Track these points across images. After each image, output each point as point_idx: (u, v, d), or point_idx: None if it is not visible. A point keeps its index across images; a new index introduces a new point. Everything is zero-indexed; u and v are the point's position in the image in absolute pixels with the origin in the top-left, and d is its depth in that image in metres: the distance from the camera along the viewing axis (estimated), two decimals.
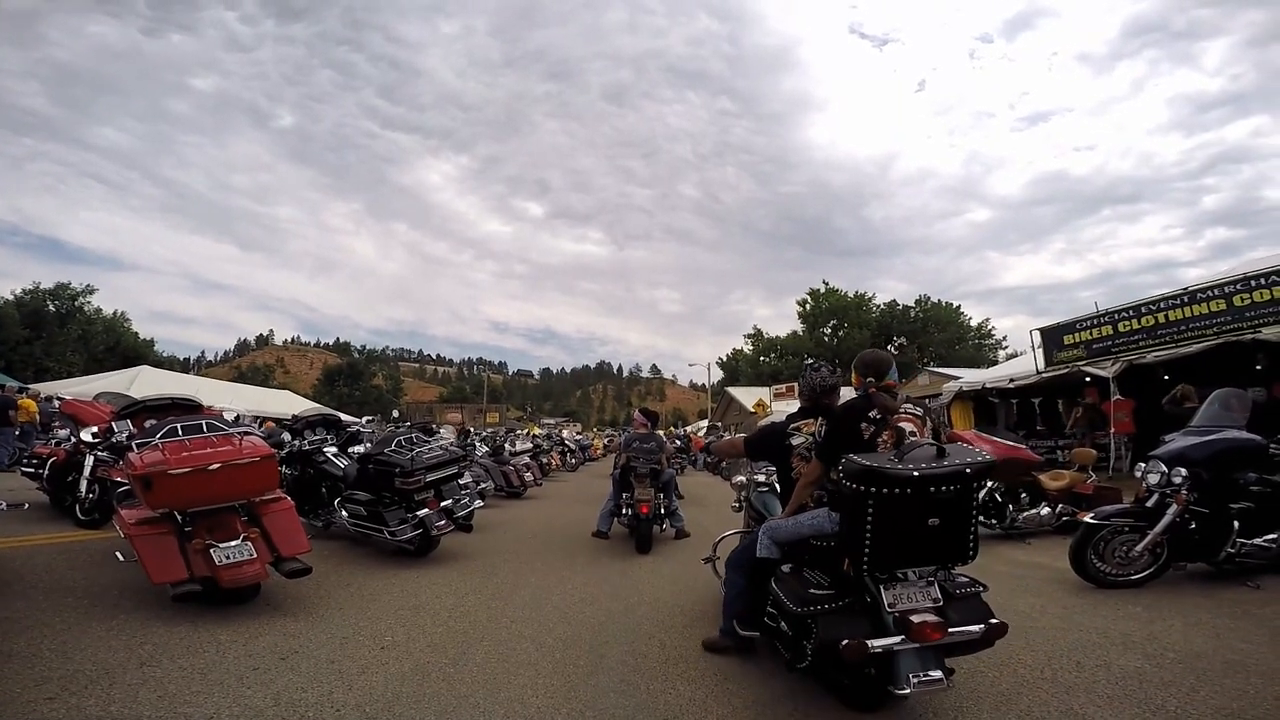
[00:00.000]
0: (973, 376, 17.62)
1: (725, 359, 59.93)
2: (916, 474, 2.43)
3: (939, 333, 49.56)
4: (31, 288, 40.34)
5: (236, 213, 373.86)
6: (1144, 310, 11.28)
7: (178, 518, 3.91)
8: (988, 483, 6.87)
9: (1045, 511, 6.85)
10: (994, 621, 2.54)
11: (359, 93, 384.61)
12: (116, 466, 5.52)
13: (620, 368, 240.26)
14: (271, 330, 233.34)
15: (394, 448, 5.89)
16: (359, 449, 7.09)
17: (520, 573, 5.39)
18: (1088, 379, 12.36)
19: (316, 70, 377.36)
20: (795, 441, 3.42)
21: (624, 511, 6.78)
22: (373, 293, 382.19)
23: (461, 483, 6.88)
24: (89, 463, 6.32)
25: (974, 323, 51.75)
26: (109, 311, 44.66)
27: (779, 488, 3.89)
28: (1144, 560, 4.60)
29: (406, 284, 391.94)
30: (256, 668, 3.11)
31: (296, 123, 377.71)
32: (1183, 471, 4.54)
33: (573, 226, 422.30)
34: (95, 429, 5.88)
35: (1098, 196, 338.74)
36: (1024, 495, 6.91)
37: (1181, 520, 4.51)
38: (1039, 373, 13.42)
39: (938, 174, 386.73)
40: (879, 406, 2.92)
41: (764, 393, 33.41)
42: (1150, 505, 4.67)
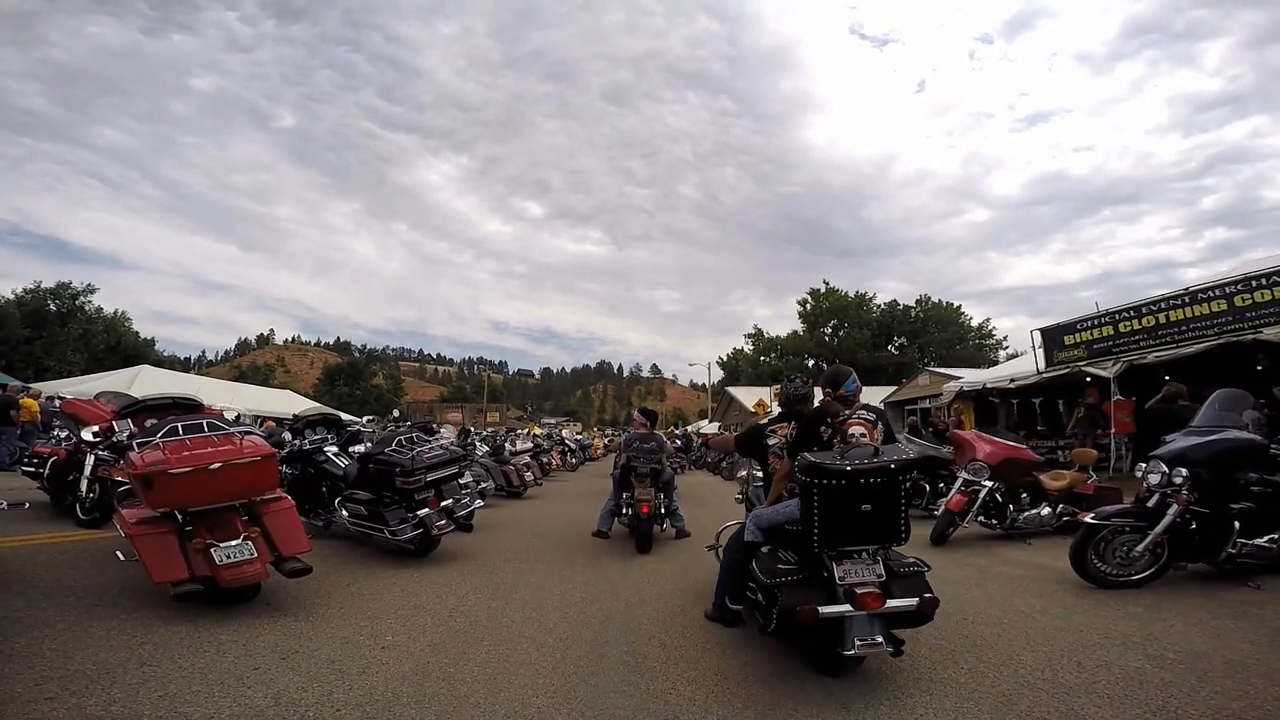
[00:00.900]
0: (973, 376, 17.60)
1: (725, 359, 59.88)
2: (849, 468, 2.89)
3: (939, 333, 49.50)
4: (32, 287, 40.40)
5: (237, 213, 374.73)
6: (1145, 310, 11.27)
7: (178, 517, 3.91)
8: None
9: (1046, 512, 6.84)
10: (928, 596, 2.91)
11: (359, 93, 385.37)
12: (117, 466, 5.53)
13: (620, 367, 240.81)
14: (272, 330, 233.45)
15: (394, 447, 5.89)
16: (359, 448, 7.09)
17: (520, 572, 5.39)
18: (1088, 379, 12.35)
19: (316, 70, 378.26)
20: (771, 441, 4.00)
21: (624, 511, 6.81)
22: (373, 292, 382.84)
23: (462, 482, 6.88)
24: (90, 462, 6.33)
25: (974, 323, 51.70)
26: (110, 311, 44.71)
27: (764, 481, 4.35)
28: (1145, 560, 4.59)
29: (407, 284, 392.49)
30: (257, 667, 3.11)
31: (296, 123, 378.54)
32: (1183, 472, 4.53)
33: (573, 227, 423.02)
34: (96, 428, 5.89)
35: (1097, 197, 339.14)
36: (1024, 495, 6.89)
37: (1182, 520, 4.50)
38: (1039, 373, 13.41)
39: (937, 174, 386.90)
40: (830, 413, 3.44)
41: (764, 393, 33.37)
42: (1151, 505, 4.66)
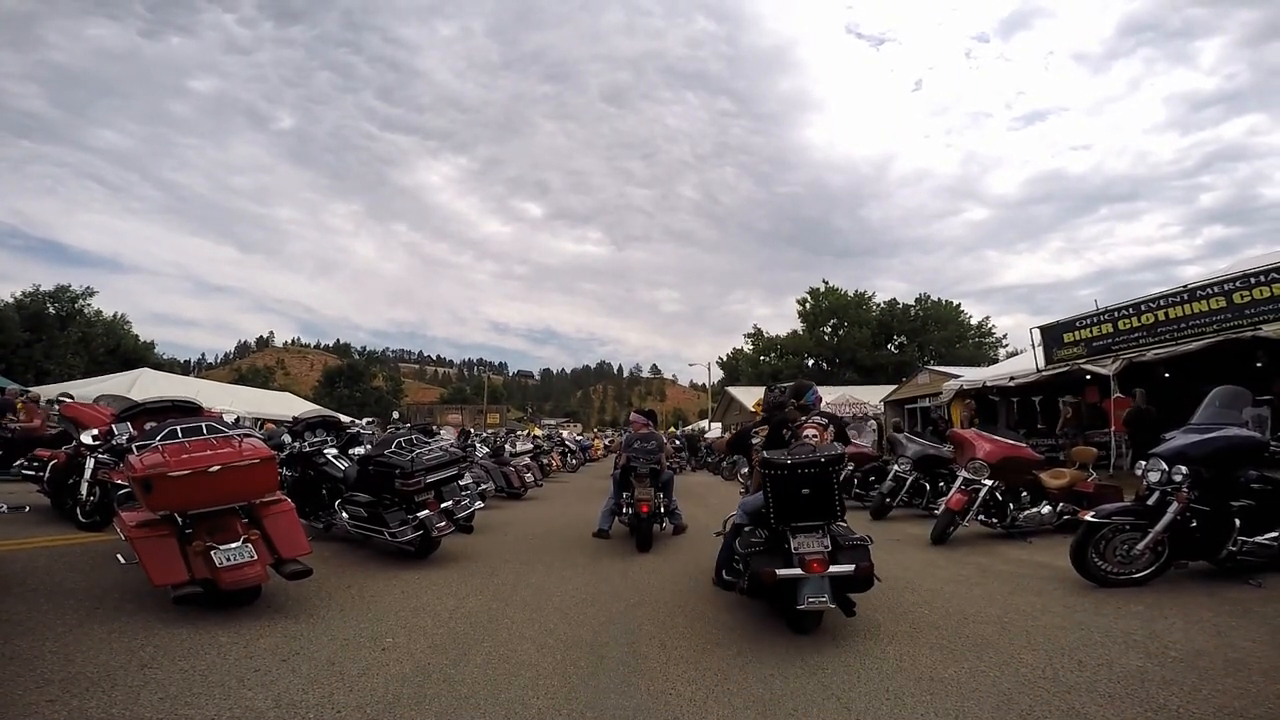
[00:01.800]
0: (973, 375, 17.62)
1: (725, 359, 59.82)
2: (790, 462, 3.64)
3: (939, 331, 49.44)
4: (32, 290, 40.18)
5: (236, 214, 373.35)
6: (1144, 308, 11.29)
7: (178, 520, 3.91)
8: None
9: (1046, 510, 6.84)
10: (864, 564, 3.59)
11: (358, 94, 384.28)
12: (117, 469, 5.52)
13: (620, 368, 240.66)
14: (272, 332, 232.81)
15: (394, 449, 5.90)
16: (359, 451, 7.08)
17: (521, 574, 5.39)
18: (1088, 377, 12.37)
19: (315, 72, 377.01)
20: (754, 441, 4.81)
21: (624, 511, 6.89)
22: (373, 294, 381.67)
23: (462, 484, 6.89)
24: (89, 465, 6.32)
25: (974, 321, 51.66)
26: (109, 314, 44.67)
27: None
28: (1145, 559, 4.58)
29: (406, 285, 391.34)
30: (257, 669, 3.11)
31: (296, 124, 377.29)
32: (1183, 469, 4.51)
33: (572, 227, 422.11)
34: (95, 432, 5.88)
35: (1095, 195, 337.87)
36: (1025, 494, 6.89)
37: (1183, 518, 4.49)
38: (1039, 371, 13.43)
39: (935, 174, 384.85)
40: (790, 419, 4.58)
41: (764, 392, 33.35)
42: (1151, 503, 4.65)
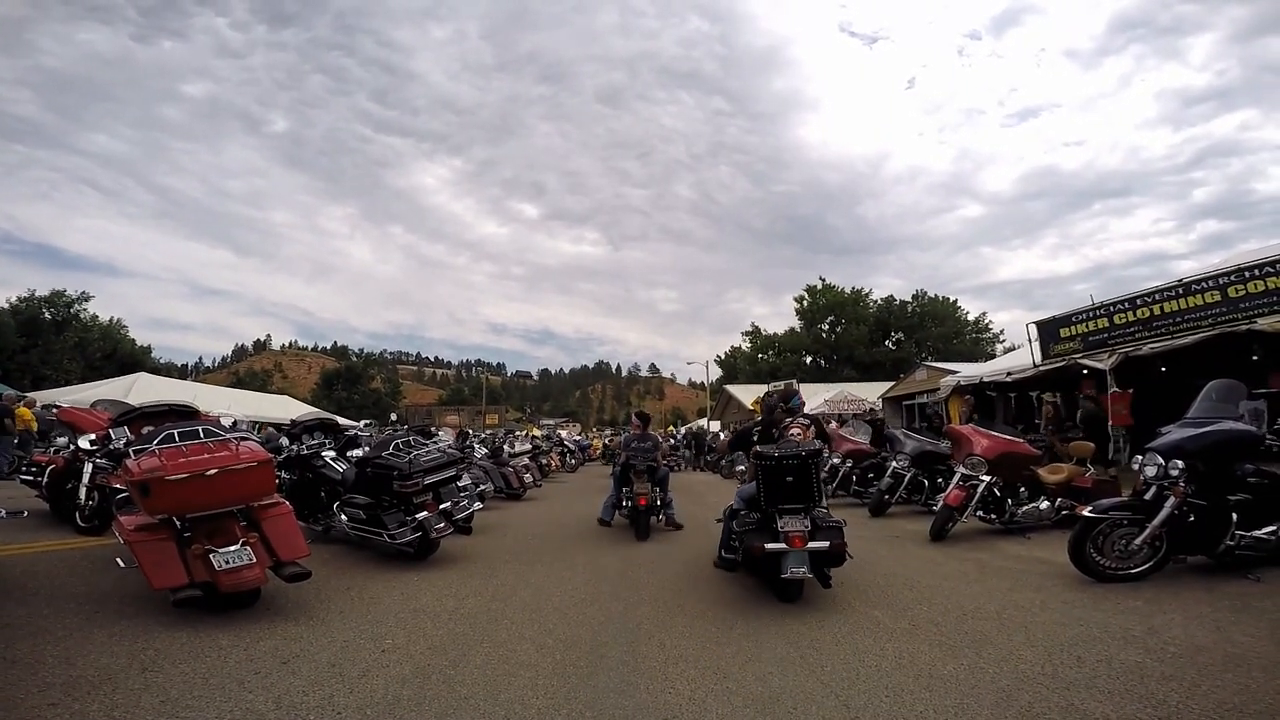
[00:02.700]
0: (971, 370, 17.63)
1: (723, 357, 59.92)
2: (776, 454, 4.37)
3: (936, 327, 49.52)
4: (27, 295, 40.18)
5: (231, 218, 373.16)
6: (1139, 302, 11.30)
7: (177, 523, 3.91)
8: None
9: (1044, 506, 6.85)
10: (837, 541, 4.22)
11: (352, 97, 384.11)
12: (115, 473, 5.52)
13: (619, 367, 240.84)
14: (269, 335, 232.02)
15: (392, 451, 5.89)
16: (357, 453, 7.08)
17: (520, 574, 5.39)
18: (1085, 371, 12.39)
19: (308, 75, 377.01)
20: (754, 440, 5.35)
21: (624, 504, 7.56)
22: (370, 296, 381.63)
23: (460, 485, 6.89)
24: (88, 470, 6.32)
25: (971, 317, 51.78)
26: (105, 318, 44.60)
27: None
28: (1143, 554, 4.58)
29: (404, 287, 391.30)
30: (258, 672, 3.11)
31: (290, 128, 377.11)
32: (1179, 464, 4.51)
33: (569, 228, 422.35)
34: (93, 436, 5.88)
35: (1089, 191, 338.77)
36: (1023, 490, 6.92)
37: (1180, 513, 4.49)
38: (1036, 366, 13.44)
39: (929, 171, 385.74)
40: (778, 420, 5.40)
41: (763, 390, 33.37)
42: (1148, 498, 4.65)
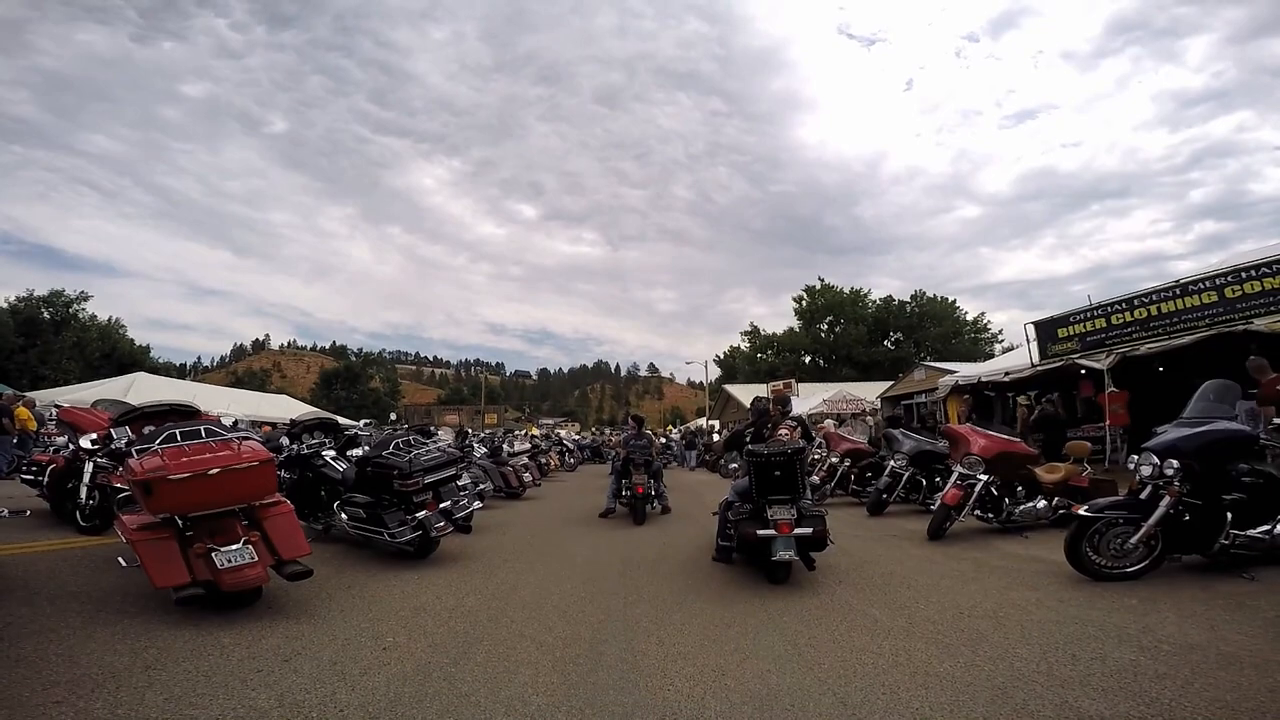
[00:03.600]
0: (969, 370, 17.67)
1: (722, 357, 60.00)
2: (766, 452, 4.95)
3: (935, 327, 49.54)
4: (26, 295, 40.13)
5: (230, 219, 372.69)
6: (1136, 303, 11.35)
7: (178, 522, 3.93)
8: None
9: (1041, 505, 6.88)
10: (820, 529, 4.76)
11: (350, 98, 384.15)
12: (116, 473, 5.54)
13: (618, 367, 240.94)
14: (268, 335, 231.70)
15: (392, 450, 5.91)
16: (357, 452, 7.10)
17: (520, 573, 5.42)
18: (1083, 371, 12.43)
19: (307, 76, 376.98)
20: (747, 439, 5.72)
21: (624, 494, 8.90)
22: (369, 296, 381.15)
23: (460, 484, 6.91)
24: (89, 469, 6.33)
25: (969, 317, 51.78)
26: (104, 318, 44.57)
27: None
28: (1139, 553, 4.61)
29: (402, 287, 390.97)
30: (260, 670, 3.14)
31: (289, 128, 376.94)
32: (1175, 463, 4.53)
33: (567, 228, 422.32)
34: (94, 436, 5.89)
35: (1086, 192, 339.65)
36: (1020, 489, 6.94)
37: (1175, 512, 4.52)
38: (1034, 366, 13.48)
39: (927, 171, 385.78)
40: (768, 422, 5.73)
41: (761, 390, 33.37)
42: (1144, 498, 4.68)
